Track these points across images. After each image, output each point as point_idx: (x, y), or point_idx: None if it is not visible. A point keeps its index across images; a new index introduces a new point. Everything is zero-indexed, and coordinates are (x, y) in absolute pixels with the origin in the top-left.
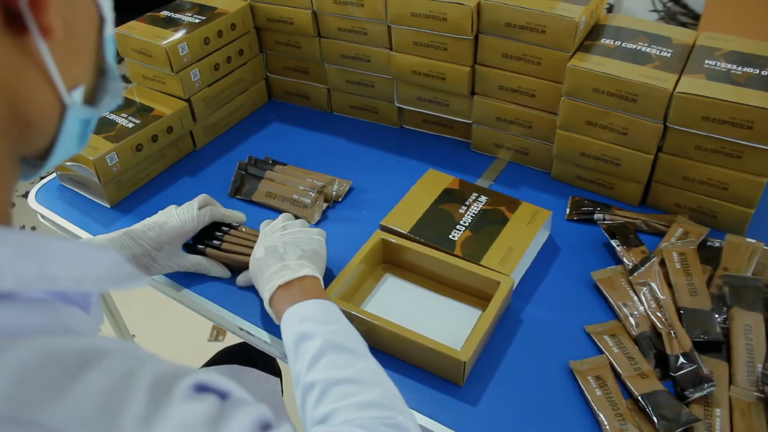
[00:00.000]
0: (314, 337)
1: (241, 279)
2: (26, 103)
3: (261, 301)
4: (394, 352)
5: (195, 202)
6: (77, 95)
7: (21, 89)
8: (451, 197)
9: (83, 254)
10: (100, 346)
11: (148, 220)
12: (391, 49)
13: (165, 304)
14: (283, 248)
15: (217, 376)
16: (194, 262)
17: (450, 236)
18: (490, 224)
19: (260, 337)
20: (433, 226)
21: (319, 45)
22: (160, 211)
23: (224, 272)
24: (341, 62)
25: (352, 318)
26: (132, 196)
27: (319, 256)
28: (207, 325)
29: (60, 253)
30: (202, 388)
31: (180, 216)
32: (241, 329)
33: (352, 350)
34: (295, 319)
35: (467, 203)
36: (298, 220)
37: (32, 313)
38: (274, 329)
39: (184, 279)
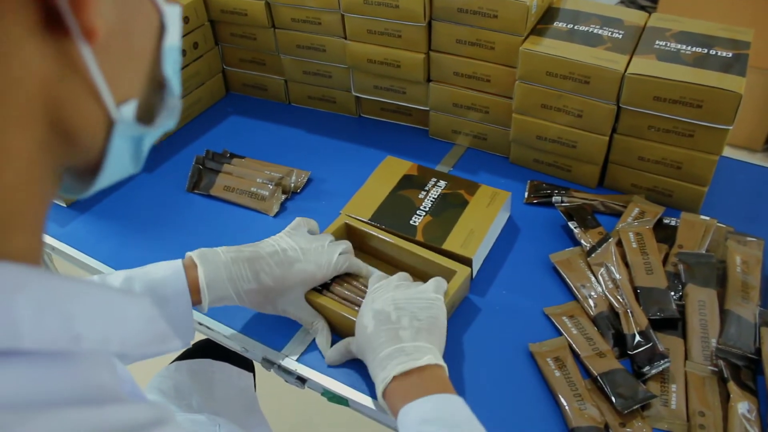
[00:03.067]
0: None
1: (334, 356)
2: (69, 114)
3: None
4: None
5: (338, 247)
6: (127, 110)
7: (63, 99)
8: (411, 183)
9: (111, 307)
10: (132, 423)
11: (276, 246)
12: (345, 38)
13: None
14: (396, 315)
15: None
16: (310, 320)
17: (411, 222)
18: (450, 208)
19: (220, 332)
20: (394, 213)
21: (274, 36)
22: (289, 229)
23: (327, 345)
24: (297, 53)
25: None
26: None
27: (438, 327)
28: None
29: (86, 306)
30: None
31: (316, 259)
32: (200, 324)
33: None
34: (413, 420)
35: (426, 188)
36: (416, 283)
37: (53, 373)
38: (233, 324)
39: None
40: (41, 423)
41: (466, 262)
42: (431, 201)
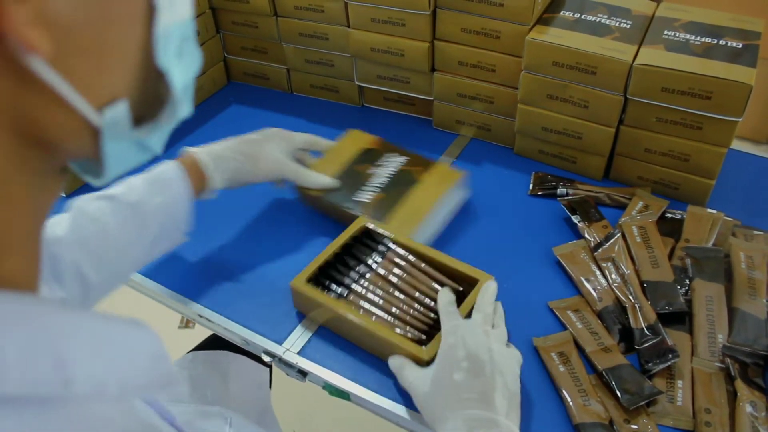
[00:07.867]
0: None
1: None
2: (42, 126)
3: (221, 287)
4: (359, 343)
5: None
6: (115, 113)
7: (30, 113)
8: (369, 157)
9: (111, 345)
10: None
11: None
12: (348, 27)
13: (127, 292)
14: (490, 370)
15: None
16: (293, 168)
17: (357, 198)
18: (400, 186)
19: (221, 324)
20: (345, 187)
21: (277, 24)
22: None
23: (331, 181)
24: (299, 41)
25: (317, 304)
26: (90, 185)
27: (517, 401)
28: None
29: (81, 344)
30: None
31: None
32: (201, 316)
33: None
34: None
35: (378, 163)
36: (501, 330)
37: (40, 420)
38: (235, 317)
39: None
40: None
41: None
42: (386, 177)
